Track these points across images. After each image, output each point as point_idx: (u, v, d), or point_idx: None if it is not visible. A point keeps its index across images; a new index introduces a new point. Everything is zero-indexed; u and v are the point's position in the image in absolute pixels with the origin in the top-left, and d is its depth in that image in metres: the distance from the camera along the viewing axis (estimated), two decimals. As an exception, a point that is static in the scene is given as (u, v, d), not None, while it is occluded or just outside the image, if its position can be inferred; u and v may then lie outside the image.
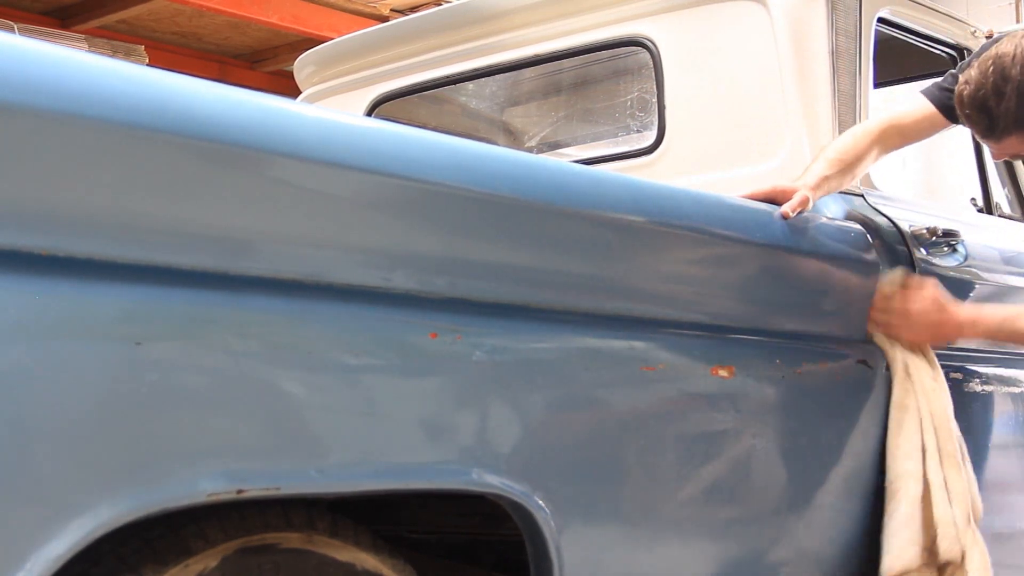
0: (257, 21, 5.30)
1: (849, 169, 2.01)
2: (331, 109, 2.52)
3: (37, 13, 5.26)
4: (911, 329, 1.98)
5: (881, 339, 2.00)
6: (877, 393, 1.98)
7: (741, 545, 1.73)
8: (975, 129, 1.93)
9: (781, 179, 1.98)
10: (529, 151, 2.98)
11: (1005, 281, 2.38)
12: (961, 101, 1.89)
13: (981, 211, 2.65)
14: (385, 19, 5.47)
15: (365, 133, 1.32)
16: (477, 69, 2.66)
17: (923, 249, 2.13)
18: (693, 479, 1.64)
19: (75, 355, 1.03)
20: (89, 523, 1.02)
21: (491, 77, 2.74)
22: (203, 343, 1.11)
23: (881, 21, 2.32)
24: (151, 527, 1.15)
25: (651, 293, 1.62)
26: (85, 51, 2.23)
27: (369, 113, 2.82)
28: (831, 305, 1.97)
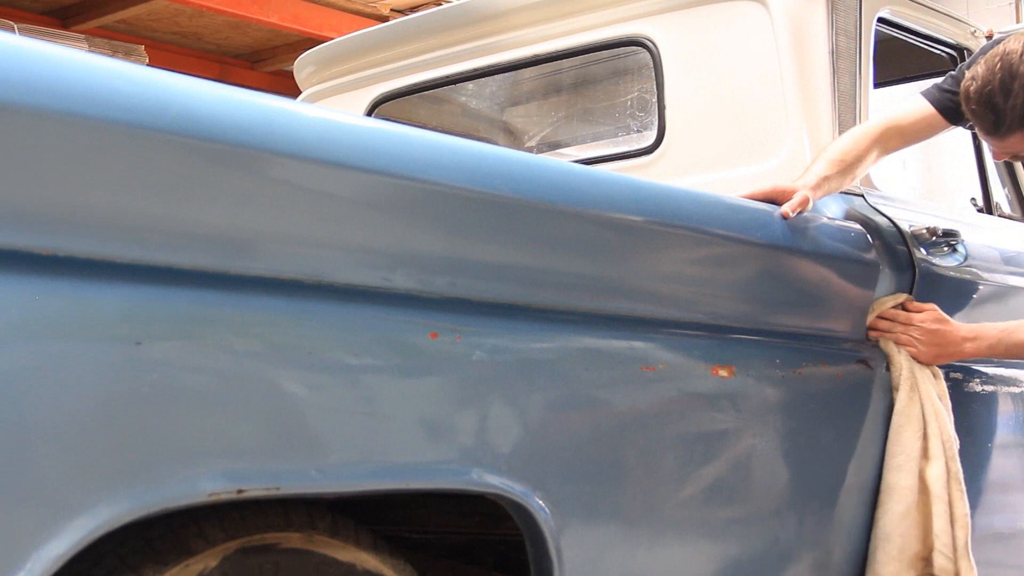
0: (257, 21, 5.30)
1: (849, 170, 2.01)
2: (331, 109, 2.52)
3: (37, 13, 5.26)
4: (917, 345, 2.00)
5: (887, 344, 2.00)
6: (877, 393, 1.98)
7: (741, 545, 1.73)
8: (980, 125, 1.93)
9: (781, 179, 1.98)
10: (529, 151, 2.97)
11: (1005, 281, 2.38)
12: (967, 97, 1.89)
13: (981, 211, 2.65)
14: (385, 19, 5.47)
15: (365, 133, 1.32)
16: (477, 69, 2.65)
17: (923, 249, 2.13)
18: (693, 479, 1.64)
19: (75, 355, 1.03)
20: (89, 523, 1.02)
21: (491, 77, 2.74)
22: (203, 343, 1.11)
23: (881, 21, 2.32)
24: (151, 527, 1.15)
25: (651, 293, 1.62)
26: (85, 51, 2.23)
27: (369, 113, 2.82)
28: (831, 305, 1.97)
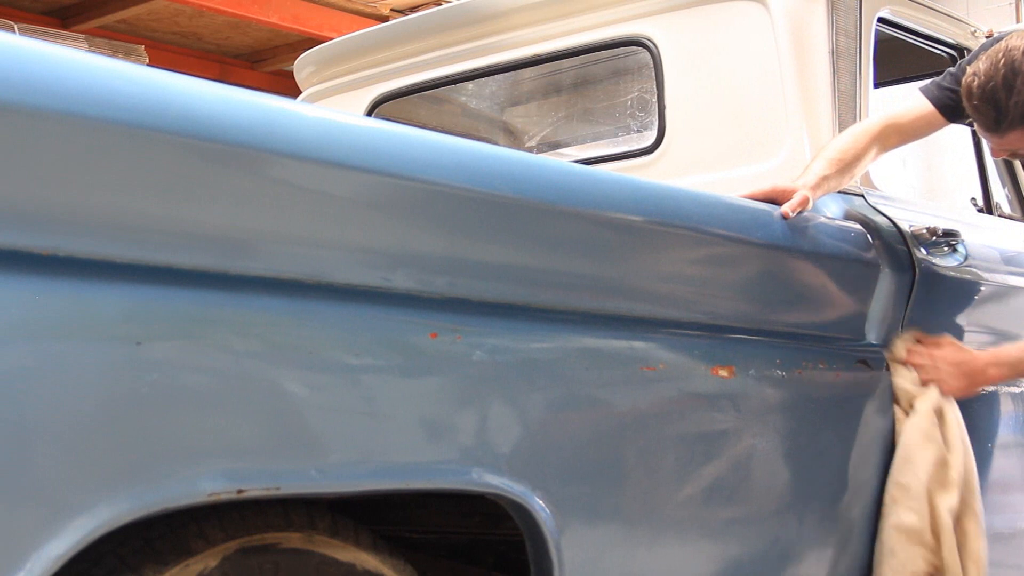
0: (257, 21, 5.30)
1: (848, 169, 2.01)
2: (331, 109, 2.52)
3: (37, 13, 5.26)
4: (947, 380, 2.00)
5: (902, 379, 2.00)
6: (877, 393, 1.98)
7: (741, 545, 1.73)
8: (981, 121, 1.93)
9: (781, 179, 1.98)
10: (529, 151, 2.97)
11: (1005, 281, 2.38)
12: (970, 92, 1.89)
13: (981, 211, 2.65)
14: (385, 19, 5.47)
15: (365, 133, 1.32)
16: (477, 69, 2.65)
17: (923, 249, 2.13)
18: (693, 479, 1.64)
19: (75, 355, 1.03)
20: (89, 523, 1.02)
21: (491, 77, 2.74)
22: (203, 343, 1.11)
23: (881, 21, 2.32)
24: (151, 527, 1.15)
25: (651, 293, 1.62)
26: (85, 51, 2.23)
27: (369, 113, 2.82)
28: (831, 305, 1.97)
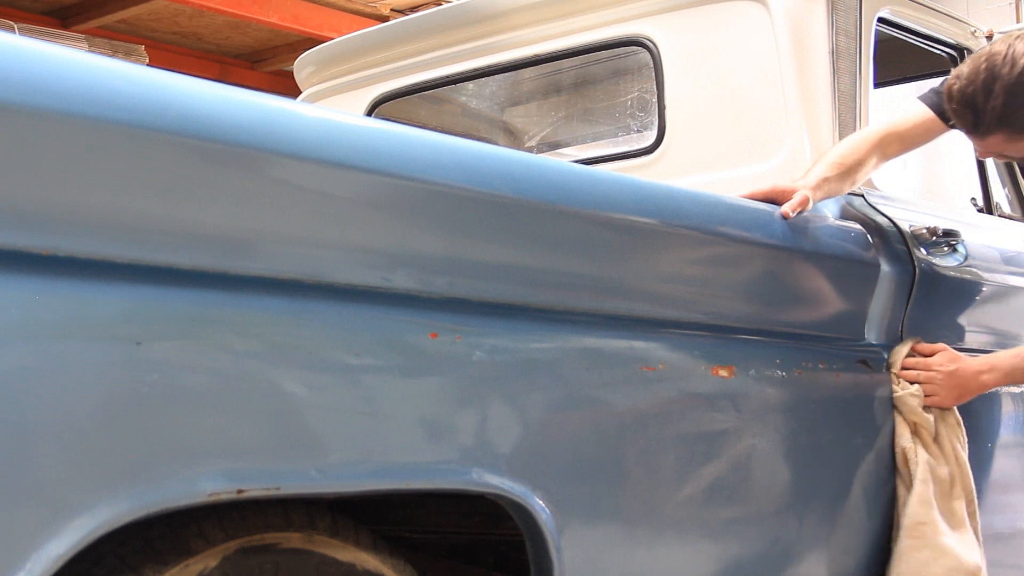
0: (257, 21, 5.30)
1: (849, 174, 2.01)
2: (331, 109, 2.52)
3: (37, 13, 5.26)
4: (938, 391, 2.01)
5: (908, 406, 2.00)
6: (877, 393, 1.98)
7: (741, 545, 1.73)
8: (961, 124, 1.96)
9: (781, 179, 1.98)
10: (529, 151, 2.97)
11: (1005, 281, 2.38)
12: (950, 95, 1.93)
13: (981, 211, 2.65)
14: (385, 19, 5.47)
15: (365, 133, 1.32)
16: (477, 69, 2.65)
17: (923, 249, 2.13)
18: (693, 479, 1.64)
19: (75, 355, 1.03)
20: (89, 523, 1.02)
21: (491, 77, 2.74)
22: (203, 343, 1.11)
23: (881, 21, 2.32)
24: (151, 527, 1.15)
25: (651, 293, 1.62)
26: (85, 51, 2.23)
27: (369, 113, 2.82)
28: (831, 305, 1.97)
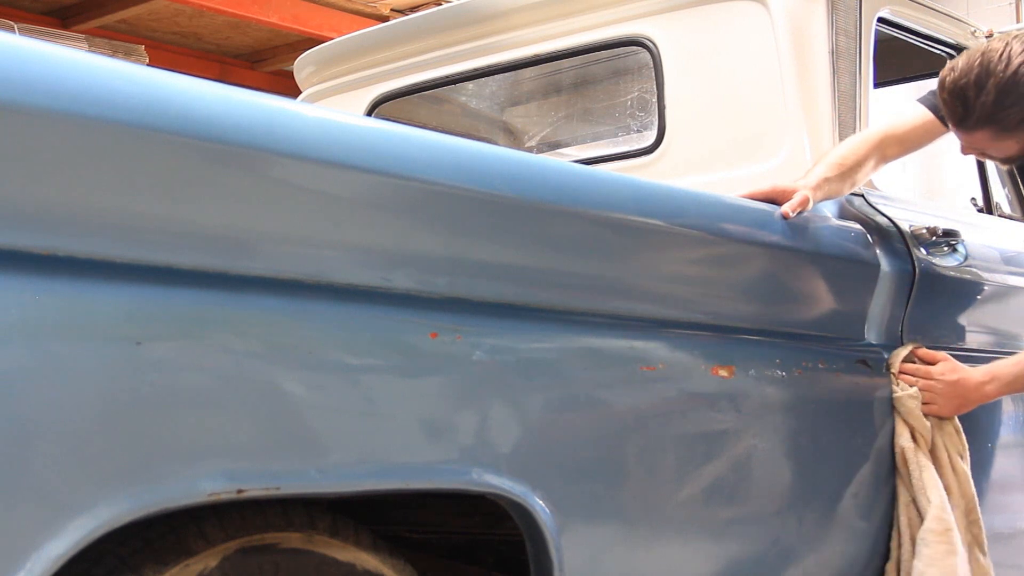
0: (257, 21, 5.30)
1: (849, 174, 2.01)
2: (331, 109, 2.52)
3: (37, 13, 5.26)
4: (937, 401, 2.01)
5: (906, 408, 2.00)
6: (877, 392, 1.98)
7: (741, 545, 1.73)
8: (949, 116, 1.97)
9: (781, 179, 1.98)
10: (529, 151, 2.97)
11: (1005, 281, 2.38)
12: (942, 85, 1.94)
13: (981, 211, 2.65)
14: (385, 19, 5.46)
15: (365, 133, 1.32)
16: (477, 69, 2.65)
17: (923, 249, 2.13)
18: (693, 479, 1.64)
19: (75, 355, 1.03)
20: (89, 523, 1.02)
21: (491, 77, 2.74)
22: (203, 343, 1.11)
23: (881, 21, 2.32)
24: (151, 527, 1.15)
25: (651, 293, 1.62)
26: (85, 51, 2.22)
27: (369, 113, 2.82)
28: (831, 305, 1.97)
